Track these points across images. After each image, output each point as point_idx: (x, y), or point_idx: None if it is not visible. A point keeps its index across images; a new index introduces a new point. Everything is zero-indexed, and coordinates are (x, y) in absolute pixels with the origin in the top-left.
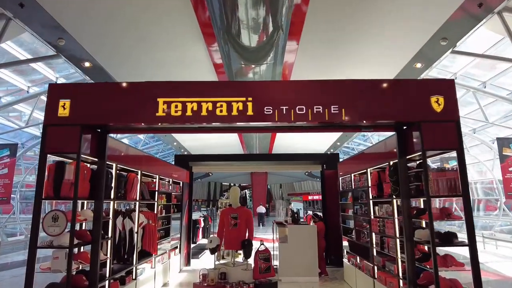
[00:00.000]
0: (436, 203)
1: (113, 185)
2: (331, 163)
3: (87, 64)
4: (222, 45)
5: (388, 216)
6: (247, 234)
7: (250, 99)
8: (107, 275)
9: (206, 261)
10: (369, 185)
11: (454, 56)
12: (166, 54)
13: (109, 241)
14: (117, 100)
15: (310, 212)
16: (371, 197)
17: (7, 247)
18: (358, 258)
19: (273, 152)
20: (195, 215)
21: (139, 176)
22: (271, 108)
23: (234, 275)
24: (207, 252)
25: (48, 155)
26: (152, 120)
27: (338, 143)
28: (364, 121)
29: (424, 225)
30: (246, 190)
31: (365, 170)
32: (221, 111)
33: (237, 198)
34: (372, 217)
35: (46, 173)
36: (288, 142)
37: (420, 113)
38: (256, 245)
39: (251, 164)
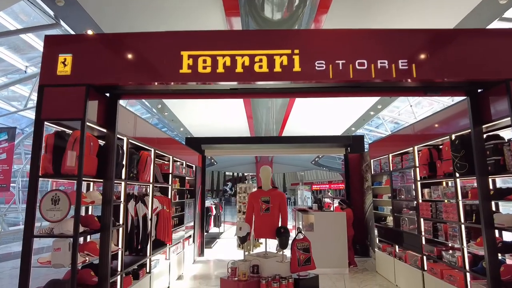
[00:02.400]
0: None
1: (124, 162)
2: (356, 146)
3: (89, 32)
4: (243, 15)
5: (447, 199)
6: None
7: (296, 51)
8: (119, 269)
9: (220, 251)
10: (416, 165)
11: None
12: (181, 21)
13: (121, 229)
14: (130, 54)
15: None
16: (418, 179)
17: (8, 237)
18: (397, 247)
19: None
20: (207, 202)
21: (152, 155)
22: (323, 62)
23: (268, 268)
24: (219, 241)
25: (46, 123)
26: (174, 79)
27: (353, 128)
28: (438, 80)
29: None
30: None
31: (409, 149)
32: (260, 66)
33: (269, 178)
34: (420, 200)
35: (44, 145)
36: (298, 128)
37: (509, 70)
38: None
39: (268, 147)
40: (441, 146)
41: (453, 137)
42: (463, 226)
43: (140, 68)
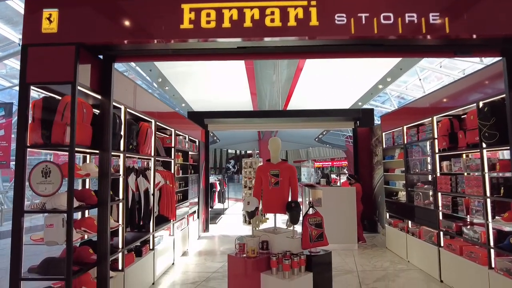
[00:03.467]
0: None
1: (122, 133)
2: (365, 119)
3: None
4: None
5: (470, 172)
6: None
7: (313, 3)
8: (120, 246)
9: (225, 227)
10: (435, 136)
11: None
12: None
13: (121, 204)
14: (125, 9)
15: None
16: (436, 151)
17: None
18: (410, 223)
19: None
20: (211, 179)
21: (153, 127)
22: (344, 16)
23: (278, 245)
24: (224, 217)
25: (32, 87)
26: (174, 36)
27: (360, 103)
28: (473, 36)
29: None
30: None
31: (427, 120)
32: (272, 20)
33: (278, 151)
34: (438, 174)
35: (31, 112)
36: (303, 103)
37: None
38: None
39: (274, 121)
40: (463, 116)
41: (481, 104)
42: (488, 200)
43: (136, 25)
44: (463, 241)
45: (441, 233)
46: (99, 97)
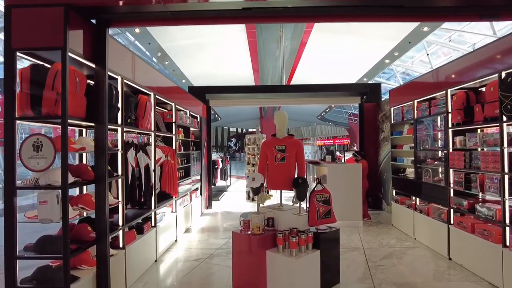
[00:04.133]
0: None
1: (119, 105)
2: (372, 94)
3: None
4: None
5: (488, 147)
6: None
7: None
8: (120, 223)
9: (227, 204)
10: (449, 110)
11: None
12: None
13: (120, 180)
14: None
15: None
16: (450, 126)
17: None
18: (417, 200)
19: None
20: (213, 156)
21: (152, 100)
22: None
23: (284, 222)
24: (226, 194)
25: (18, 53)
26: None
27: (365, 79)
28: None
29: None
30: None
31: (439, 93)
32: None
33: (285, 124)
34: (451, 150)
35: (18, 81)
36: (307, 78)
37: None
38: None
39: (277, 97)
40: (481, 89)
41: (504, 74)
42: (506, 177)
43: None
44: (475, 219)
45: (451, 210)
46: (93, 65)
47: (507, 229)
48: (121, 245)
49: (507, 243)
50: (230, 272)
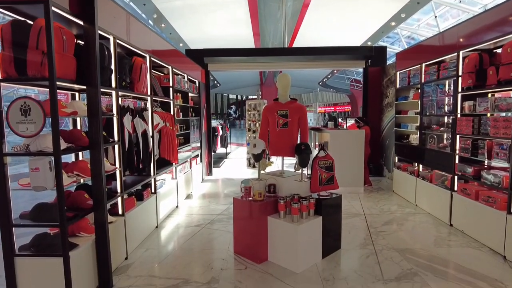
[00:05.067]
0: None
1: (112, 67)
2: (377, 58)
3: None
4: None
5: (499, 112)
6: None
7: None
8: (119, 190)
9: (228, 170)
10: (459, 73)
11: None
12: None
13: (116, 146)
14: None
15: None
16: (459, 90)
17: (13, 160)
18: (421, 166)
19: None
20: (213, 123)
21: (148, 63)
22: None
23: (286, 188)
24: (227, 161)
25: None
26: None
27: (369, 43)
28: None
29: None
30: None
31: (450, 56)
32: None
33: (288, 88)
34: (459, 115)
35: None
36: (309, 41)
37: None
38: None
39: (279, 60)
40: (496, 50)
41: None
42: None
43: None
44: (479, 186)
45: (456, 177)
46: (81, 23)
47: None
48: (120, 212)
49: None
50: (231, 238)
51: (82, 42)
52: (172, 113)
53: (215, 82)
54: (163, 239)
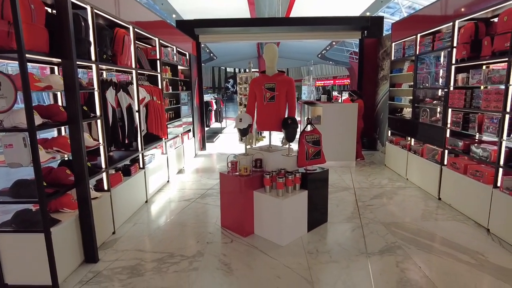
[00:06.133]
0: None
1: (91, 39)
2: (374, 29)
3: None
4: None
5: (492, 84)
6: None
7: None
8: (103, 166)
9: (222, 145)
10: (454, 44)
11: None
12: None
13: (99, 121)
14: None
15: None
16: (453, 61)
17: None
18: (413, 140)
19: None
20: (207, 97)
21: (131, 35)
22: None
23: (273, 162)
24: (221, 136)
25: None
26: None
27: (368, 13)
28: None
29: None
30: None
31: (446, 25)
32: None
33: (275, 60)
34: (452, 88)
35: None
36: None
37: None
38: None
39: (274, 31)
40: (493, 20)
41: None
42: (507, 116)
43: None
44: (469, 160)
45: (446, 151)
46: None
47: (500, 170)
48: (105, 188)
49: (498, 184)
50: (219, 212)
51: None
52: (160, 87)
53: (211, 55)
54: (152, 213)
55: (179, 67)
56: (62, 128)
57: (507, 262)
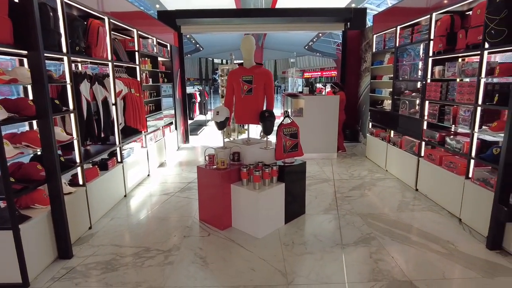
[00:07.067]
0: None
1: (61, 31)
2: (357, 21)
3: None
4: None
5: (465, 77)
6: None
7: None
8: (78, 160)
9: (207, 138)
10: (431, 37)
11: None
12: None
13: (72, 115)
14: None
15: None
16: (431, 54)
17: None
18: (392, 132)
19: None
20: (190, 89)
21: (106, 25)
22: None
23: (251, 155)
24: (206, 128)
25: None
26: None
27: (353, 5)
28: None
29: None
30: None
31: (424, 18)
32: None
33: (252, 52)
34: (429, 80)
35: None
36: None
37: None
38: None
39: (258, 22)
40: (469, 13)
41: None
42: (479, 109)
43: None
44: (444, 151)
45: (423, 143)
46: None
47: (472, 161)
48: (80, 182)
49: (470, 175)
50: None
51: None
52: (138, 79)
53: (197, 45)
54: (131, 208)
55: (160, 58)
56: (34, 122)
57: (475, 251)
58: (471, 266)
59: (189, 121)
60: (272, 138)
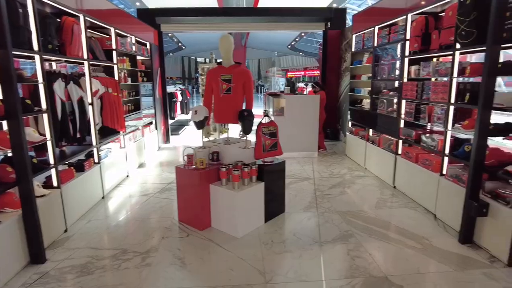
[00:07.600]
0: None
1: (33, 28)
2: (337, 21)
3: None
4: None
5: (439, 76)
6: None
7: None
8: (52, 162)
9: (188, 138)
10: (407, 37)
11: None
12: None
13: (46, 116)
14: None
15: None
16: (407, 54)
17: None
18: (371, 131)
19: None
20: (171, 88)
21: (81, 24)
22: None
23: (230, 155)
24: (187, 128)
25: None
26: None
27: (335, 5)
28: None
29: None
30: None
31: (401, 18)
32: None
33: (230, 51)
34: (406, 79)
35: None
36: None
37: None
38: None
39: (240, 21)
40: (441, 14)
41: None
42: (451, 107)
43: None
44: (420, 149)
45: (400, 141)
46: None
47: (446, 158)
48: (55, 184)
49: (444, 172)
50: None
51: None
52: (116, 78)
53: (179, 44)
54: (109, 209)
55: (139, 57)
56: (4, 122)
57: (449, 246)
58: (444, 260)
59: (170, 121)
60: (252, 137)
